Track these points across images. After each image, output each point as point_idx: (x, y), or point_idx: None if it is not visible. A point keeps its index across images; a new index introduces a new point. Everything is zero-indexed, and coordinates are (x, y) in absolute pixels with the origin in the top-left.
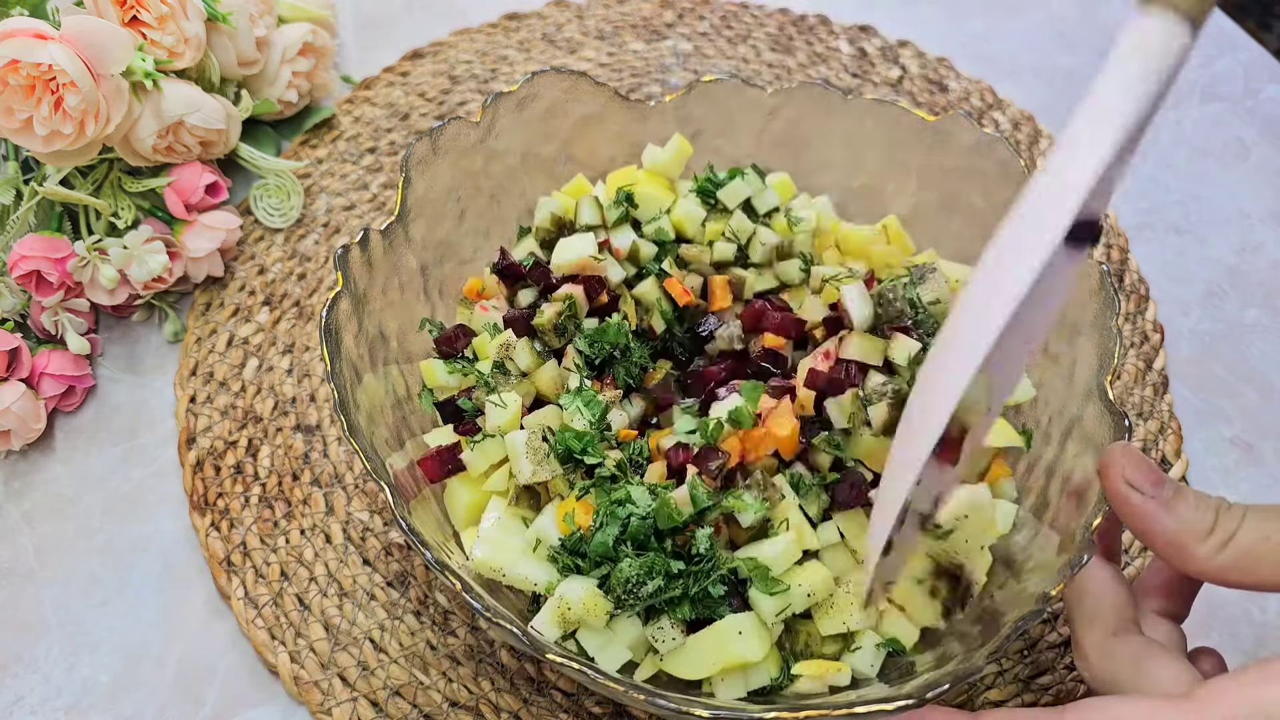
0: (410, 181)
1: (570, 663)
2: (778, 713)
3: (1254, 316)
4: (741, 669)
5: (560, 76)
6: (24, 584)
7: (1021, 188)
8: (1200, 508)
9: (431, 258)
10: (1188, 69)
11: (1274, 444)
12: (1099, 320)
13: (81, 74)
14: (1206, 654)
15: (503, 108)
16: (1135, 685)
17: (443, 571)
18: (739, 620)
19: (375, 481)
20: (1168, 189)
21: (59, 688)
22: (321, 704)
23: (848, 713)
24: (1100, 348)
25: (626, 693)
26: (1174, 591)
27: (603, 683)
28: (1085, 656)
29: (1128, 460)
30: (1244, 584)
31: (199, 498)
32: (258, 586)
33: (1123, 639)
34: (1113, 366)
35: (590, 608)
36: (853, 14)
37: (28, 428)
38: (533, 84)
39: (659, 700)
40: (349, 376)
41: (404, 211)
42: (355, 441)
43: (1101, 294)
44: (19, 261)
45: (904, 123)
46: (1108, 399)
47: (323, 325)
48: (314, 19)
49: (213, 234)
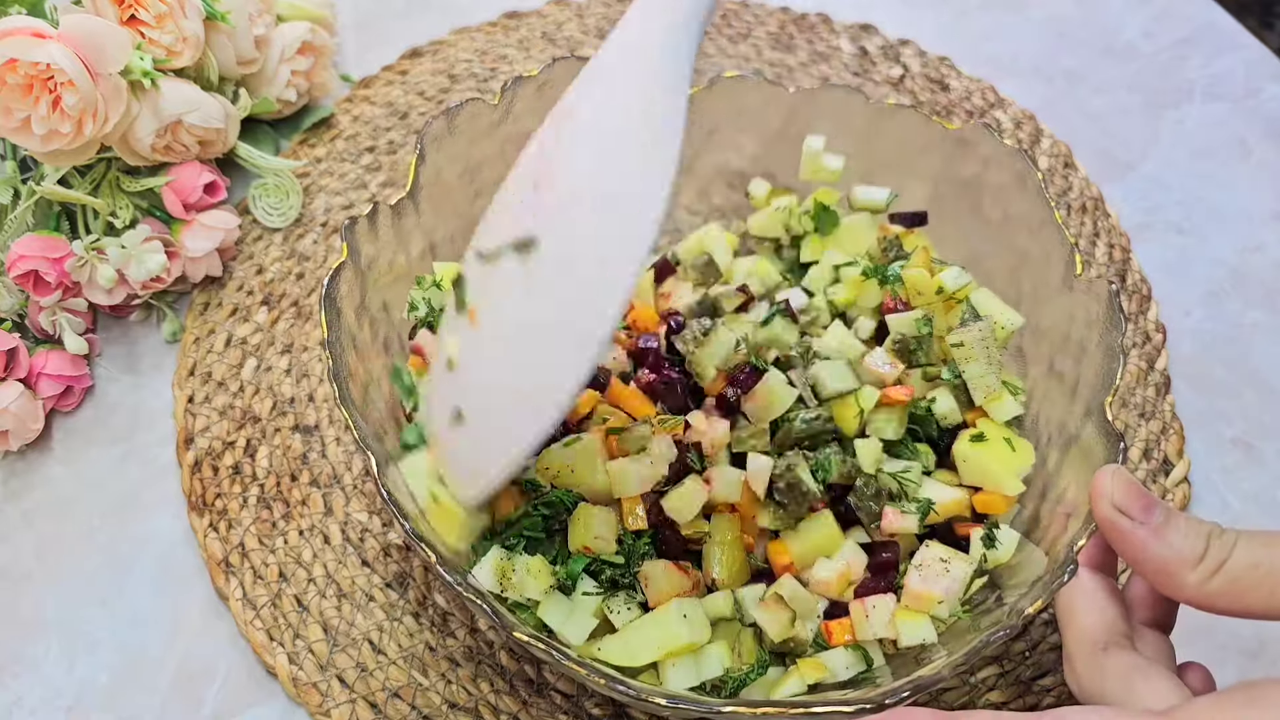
0: (424, 159)
1: (536, 642)
2: (735, 707)
3: (1255, 317)
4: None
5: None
6: (23, 584)
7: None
8: (1191, 534)
9: (441, 237)
10: (1188, 68)
11: (1275, 444)
12: (1105, 340)
13: (80, 73)
14: (1194, 668)
15: (522, 91)
16: (1122, 702)
17: (419, 541)
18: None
19: (361, 449)
20: (1169, 189)
21: (58, 688)
22: (320, 705)
23: (804, 712)
24: (1103, 367)
25: (589, 676)
26: (1159, 601)
27: (566, 665)
28: (1075, 671)
29: (1117, 485)
30: (1233, 611)
31: (197, 498)
32: (256, 587)
33: (1112, 655)
34: (1114, 387)
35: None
36: (854, 13)
37: (26, 428)
38: (552, 69)
39: (619, 686)
40: (346, 346)
41: (416, 188)
42: (345, 409)
43: (1109, 314)
44: (16, 261)
45: (924, 129)
46: (1105, 419)
47: (324, 294)
48: (313, 18)
49: (211, 234)
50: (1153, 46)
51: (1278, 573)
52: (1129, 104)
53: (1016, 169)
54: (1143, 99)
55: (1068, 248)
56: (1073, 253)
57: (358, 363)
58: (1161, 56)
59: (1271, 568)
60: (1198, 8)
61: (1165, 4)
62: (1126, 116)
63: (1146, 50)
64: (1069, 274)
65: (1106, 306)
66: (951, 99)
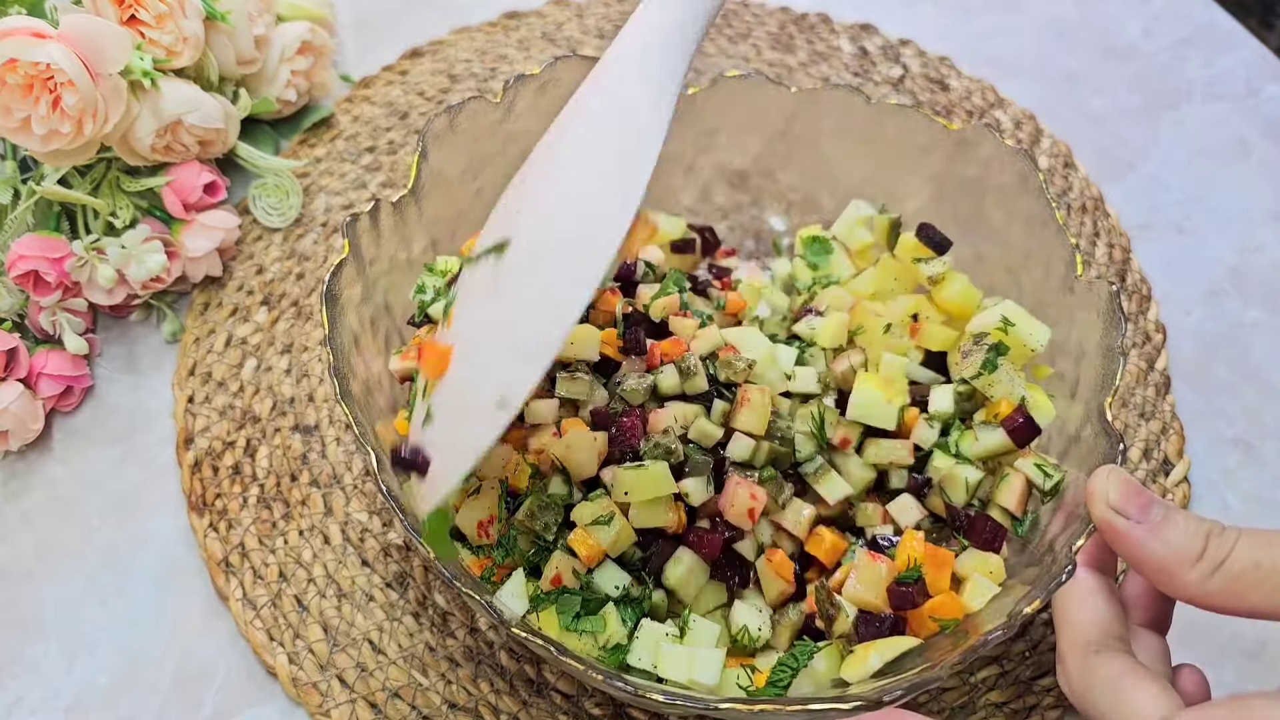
0: (426, 156)
1: (534, 639)
2: (732, 704)
3: (1255, 316)
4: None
5: (583, 63)
6: (22, 584)
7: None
8: (1190, 533)
9: (443, 233)
10: (1188, 68)
11: (1275, 444)
12: (1104, 340)
13: (79, 73)
14: (1188, 672)
15: (524, 90)
16: (1109, 708)
17: (418, 537)
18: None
19: (361, 448)
20: (1169, 189)
21: (58, 688)
22: (320, 705)
23: (801, 709)
24: (1103, 368)
25: (586, 672)
26: (1154, 602)
27: (566, 662)
28: (1066, 672)
29: (1113, 484)
30: (1232, 610)
31: (197, 498)
32: (256, 587)
33: (1105, 658)
34: (1114, 387)
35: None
36: (854, 13)
37: (26, 428)
38: (554, 68)
39: (616, 683)
40: (347, 343)
41: (418, 185)
42: (345, 405)
43: (1109, 314)
44: (16, 261)
45: (925, 130)
46: (1105, 420)
47: (325, 291)
48: (313, 17)
49: (211, 233)
50: (1153, 46)
51: (1278, 572)
52: (1129, 104)
53: (1018, 169)
54: (1143, 99)
55: (1069, 248)
56: (1074, 253)
57: (358, 359)
58: (1161, 56)
59: (1272, 567)
60: (1198, 8)
61: (1165, 4)
62: (1126, 116)
63: (1146, 50)
64: (1070, 275)
65: (1107, 307)
66: (951, 99)
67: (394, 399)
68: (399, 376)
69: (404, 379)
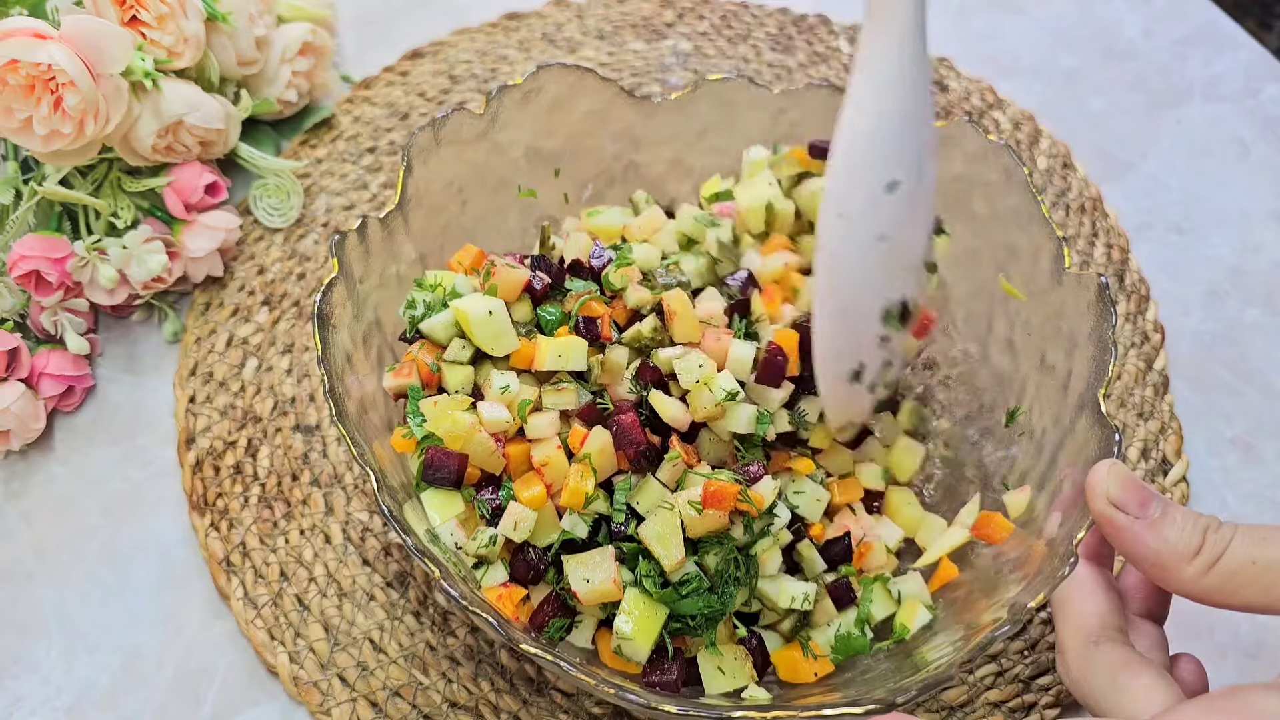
0: (411, 170)
1: (544, 654)
2: (745, 712)
3: (1254, 316)
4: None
5: (566, 71)
6: (23, 584)
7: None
8: (1187, 528)
9: (431, 247)
10: (1188, 68)
11: (1275, 444)
12: (1095, 332)
13: (81, 74)
14: (1186, 660)
15: (507, 100)
16: (1109, 698)
17: (422, 557)
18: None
19: (361, 467)
20: (1168, 189)
21: (58, 688)
22: (321, 704)
23: (816, 714)
24: (1095, 360)
25: (598, 686)
26: (1152, 593)
27: (575, 675)
28: (1066, 664)
29: (1113, 479)
30: (1228, 605)
31: (198, 498)
32: (257, 587)
33: (1104, 649)
34: (1107, 379)
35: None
36: (853, 13)
37: (27, 428)
38: (537, 78)
39: (628, 695)
40: (340, 363)
41: (404, 200)
42: (342, 426)
43: (1099, 306)
44: (18, 261)
45: None
46: (1100, 412)
47: (315, 311)
48: (313, 18)
49: (212, 234)
50: (1152, 46)
51: (1274, 568)
52: (1129, 104)
53: (1003, 164)
54: (1142, 99)
55: (1056, 241)
56: (1061, 246)
57: (353, 378)
58: (1161, 56)
59: (1268, 563)
60: (1198, 8)
61: (1165, 4)
62: (1126, 116)
63: (1146, 50)
64: (1058, 267)
65: (1096, 298)
66: (951, 99)
67: (389, 417)
68: (393, 394)
69: (398, 396)
